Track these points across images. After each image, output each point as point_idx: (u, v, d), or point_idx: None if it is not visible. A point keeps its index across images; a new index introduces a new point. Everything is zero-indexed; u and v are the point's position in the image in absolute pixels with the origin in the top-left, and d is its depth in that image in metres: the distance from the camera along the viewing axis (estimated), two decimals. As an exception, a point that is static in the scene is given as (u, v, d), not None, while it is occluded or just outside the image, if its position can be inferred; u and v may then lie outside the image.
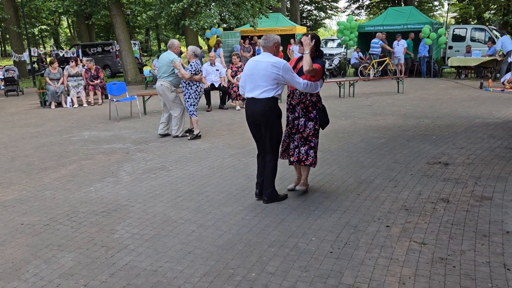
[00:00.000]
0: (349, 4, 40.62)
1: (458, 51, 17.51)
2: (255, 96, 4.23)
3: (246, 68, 4.34)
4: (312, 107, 4.43)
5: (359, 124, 8.21)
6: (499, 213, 3.95)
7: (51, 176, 5.58)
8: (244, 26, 21.44)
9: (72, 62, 12.43)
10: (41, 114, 10.88)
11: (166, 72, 7.37)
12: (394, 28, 17.79)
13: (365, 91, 13.49)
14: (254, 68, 4.24)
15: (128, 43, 17.92)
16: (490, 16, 27.15)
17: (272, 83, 4.17)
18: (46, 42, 52.23)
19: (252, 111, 4.31)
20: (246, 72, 4.33)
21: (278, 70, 4.11)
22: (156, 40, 49.35)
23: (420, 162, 5.62)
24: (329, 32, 53.30)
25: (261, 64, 4.19)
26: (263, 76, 4.16)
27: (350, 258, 3.23)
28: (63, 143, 7.48)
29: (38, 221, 4.12)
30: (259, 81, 4.19)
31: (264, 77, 4.16)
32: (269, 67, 4.13)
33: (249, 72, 4.28)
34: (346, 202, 4.34)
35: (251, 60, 4.36)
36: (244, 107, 10.55)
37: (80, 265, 3.26)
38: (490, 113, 9.00)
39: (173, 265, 3.21)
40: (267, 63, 4.15)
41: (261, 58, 4.26)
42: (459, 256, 3.20)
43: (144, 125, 8.90)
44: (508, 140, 6.64)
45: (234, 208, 4.26)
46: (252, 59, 4.36)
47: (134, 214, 4.21)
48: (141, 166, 5.87)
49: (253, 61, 4.32)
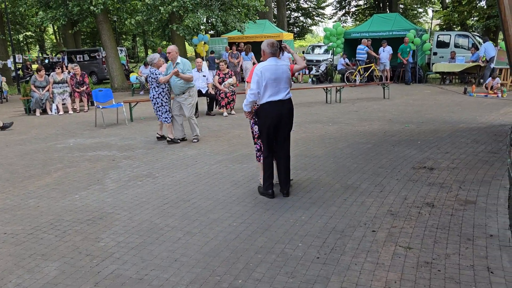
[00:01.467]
0: (335, 11, 41.11)
1: (442, 57, 17.78)
2: (282, 98, 4.54)
3: (268, 73, 4.46)
4: None
5: (346, 130, 8.27)
6: (482, 217, 4.00)
7: (35, 184, 5.51)
8: (231, 33, 21.51)
9: (57, 69, 12.32)
10: (26, 122, 10.74)
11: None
12: (380, 35, 18.02)
13: (351, 97, 13.61)
14: (276, 73, 4.51)
15: (115, 50, 17.84)
16: (473, 23, 27.64)
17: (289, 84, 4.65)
18: (31, 48, 51.66)
19: (280, 112, 4.54)
20: (270, 76, 4.47)
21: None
22: (143, 47, 49.17)
23: (405, 167, 5.67)
24: (316, 39, 53.70)
25: (282, 68, 4.55)
26: (287, 78, 4.59)
27: (337, 263, 3.24)
28: (48, 150, 7.39)
29: (21, 230, 4.05)
30: (282, 83, 4.53)
31: (287, 79, 4.59)
32: (287, 70, 4.60)
33: (273, 76, 4.48)
34: (332, 207, 4.35)
35: (269, 66, 4.51)
36: (232, 113, 10.61)
37: (64, 274, 3.21)
38: (474, 118, 9.14)
39: (159, 273, 3.18)
40: (286, 66, 4.60)
41: (277, 62, 4.55)
42: (444, 259, 3.24)
43: (130, 132, 8.85)
44: (491, 144, 6.75)
45: (221, 215, 4.25)
46: (269, 65, 4.51)
47: (119, 222, 4.16)
48: (127, 173, 5.82)
49: (272, 66, 4.51)
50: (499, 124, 8.44)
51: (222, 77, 10.57)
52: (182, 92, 7.39)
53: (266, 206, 4.45)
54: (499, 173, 5.28)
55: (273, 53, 4.54)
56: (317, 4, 43.25)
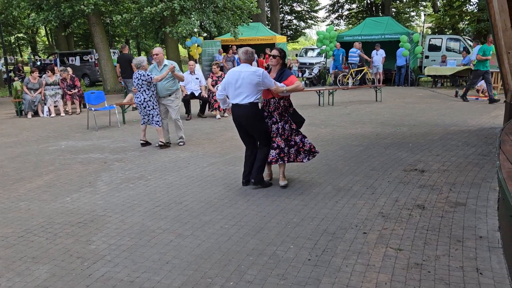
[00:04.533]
0: (328, 14, 41.30)
1: (434, 61, 17.94)
2: (239, 102, 4.86)
3: (230, 77, 4.90)
4: (285, 111, 5.04)
5: (338, 132, 8.31)
6: (472, 219, 4.04)
7: (26, 186, 5.47)
8: (224, 35, 21.53)
9: (48, 71, 12.24)
10: (17, 124, 10.67)
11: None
12: (372, 38, 18.15)
13: (344, 99, 13.67)
14: (237, 78, 4.82)
15: (107, 52, 17.78)
16: (464, 27, 27.91)
17: (253, 91, 4.82)
18: (23, 50, 51.33)
19: (238, 114, 4.92)
20: (230, 81, 4.89)
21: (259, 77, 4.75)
22: (136, 49, 49.05)
23: (397, 169, 5.71)
24: (309, 42, 53.91)
25: (244, 73, 4.79)
26: (248, 84, 4.77)
27: (328, 265, 3.25)
28: (39, 153, 7.35)
29: (11, 233, 4.02)
30: (242, 89, 4.80)
31: (249, 85, 4.77)
32: (251, 77, 4.75)
33: (233, 81, 4.85)
34: (324, 209, 4.37)
35: (234, 71, 4.90)
36: (225, 116, 10.62)
37: (55, 277, 3.19)
38: (464, 121, 9.23)
39: (151, 276, 3.17)
40: (249, 73, 4.76)
41: (242, 69, 4.84)
42: (434, 261, 3.26)
43: (123, 135, 8.82)
44: (481, 147, 6.82)
45: (213, 217, 4.25)
46: (235, 71, 4.90)
47: (111, 225, 4.15)
48: (119, 176, 5.81)
49: (236, 72, 4.87)
50: (490, 127, 8.53)
51: (216, 80, 10.58)
52: (169, 94, 7.38)
53: (258, 208, 4.46)
54: (489, 176, 5.33)
55: (246, 59, 4.88)
56: (310, 7, 43.43)
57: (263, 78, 4.71)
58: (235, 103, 4.90)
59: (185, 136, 8.24)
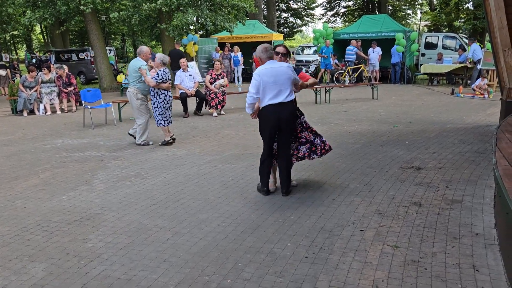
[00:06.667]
0: (325, 11, 41.28)
1: (430, 58, 17.98)
2: (282, 101, 4.50)
3: (266, 77, 4.45)
4: None
5: (335, 130, 8.31)
6: (468, 216, 4.06)
7: (22, 185, 5.45)
8: (221, 33, 21.47)
9: (44, 69, 12.18)
10: (13, 122, 10.62)
11: (133, 79, 7.34)
12: (369, 36, 18.16)
13: (340, 97, 13.68)
14: (274, 75, 4.45)
15: (103, 50, 17.70)
16: (460, 24, 27.96)
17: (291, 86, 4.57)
18: (18, 48, 51.08)
19: (280, 116, 4.50)
20: (267, 80, 4.45)
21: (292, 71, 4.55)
22: (132, 47, 48.90)
23: (393, 167, 5.72)
24: (306, 39, 53.87)
25: (280, 69, 4.48)
26: (287, 79, 4.50)
27: (325, 262, 3.26)
28: (35, 151, 7.32)
29: (7, 232, 4.01)
30: (282, 85, 4.47)
31: (288, 80, 4.50)
32: (287, 71, 4.49)
33: (271, 79, 4.45)
34: (321, 207, 4.38)
35: (266, 69, 4.48)
36: (221, 113, 10.60)
37: (51, 275, 3.18)
38: (461, 118, 9.26)
39: (148, 274, 3.17)
40: (285, 67, 4.51)
41: (274, 65, 4.52)
42: (430, 258, 3.27)
43: (119, 133, 8.79)
44: (477, 144, 6.84)
45: (210, 215, 4.25)
46: (267, 68, 4.50)
47: (108, 223, 4.14)
48: (116, 174, 5.79)
49: (269, 69, 4.48)
50: (486, 124, 8.56)
51: (214, 78, 10.56)
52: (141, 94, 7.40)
53: (255, 206, 4.46)
54: (485, 173, 5.36)
55: (269, 56, 4.55)
56: (307, 5, 43.43)
57: (294, 72, 4.57)
58: (277, 103, 4.47)
59: (182, 134, 8.25)
